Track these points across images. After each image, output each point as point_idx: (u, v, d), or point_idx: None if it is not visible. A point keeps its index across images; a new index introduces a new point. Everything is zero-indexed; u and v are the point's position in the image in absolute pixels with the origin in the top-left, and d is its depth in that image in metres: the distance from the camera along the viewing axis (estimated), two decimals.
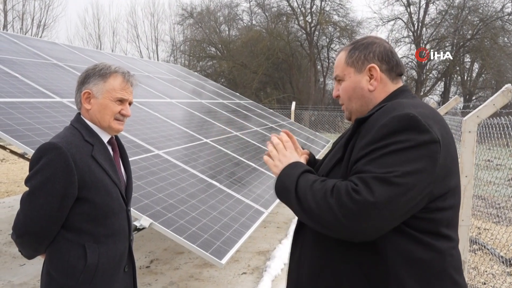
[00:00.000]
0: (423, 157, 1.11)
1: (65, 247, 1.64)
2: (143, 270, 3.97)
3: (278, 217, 5.89)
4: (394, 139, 1.13)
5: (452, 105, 5.57)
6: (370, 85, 1.33)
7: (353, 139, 1.24)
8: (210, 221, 3.08)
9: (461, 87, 24.53)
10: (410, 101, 1.26)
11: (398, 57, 1.36)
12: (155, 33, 34.17)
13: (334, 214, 1.11)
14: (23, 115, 3.37)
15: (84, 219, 1.64)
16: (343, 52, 1.39)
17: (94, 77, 1.72)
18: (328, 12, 24.70)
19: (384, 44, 1.36)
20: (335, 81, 1.43)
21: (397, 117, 1.15)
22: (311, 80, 25.07)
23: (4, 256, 4.23)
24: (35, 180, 1.58)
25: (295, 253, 1.38)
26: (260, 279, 3.77)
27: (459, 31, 22.86)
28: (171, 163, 3.86)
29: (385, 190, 1.08)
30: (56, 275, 1.63)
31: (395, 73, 1.35)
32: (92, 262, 1.63)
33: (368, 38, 1.39)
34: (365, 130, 1.21)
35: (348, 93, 1.37)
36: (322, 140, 9.63)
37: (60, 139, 1.62)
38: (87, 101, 1.72)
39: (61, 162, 1.56)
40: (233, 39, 27.35)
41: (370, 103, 1.34)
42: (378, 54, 1.33)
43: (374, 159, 1.13)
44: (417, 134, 1.12)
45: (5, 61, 4.56)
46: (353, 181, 1.13)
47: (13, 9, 24.24)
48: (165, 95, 6.74)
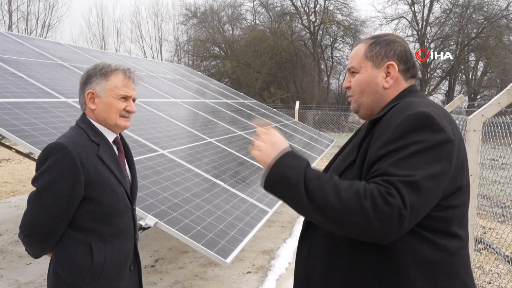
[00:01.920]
0: (442, 158, 1.12)
1: (71, 246, 1.64)
2: (148, 269, 3.98)
3: (282, 216, 5.89)
4: (412, 139, 1.12)
5: (457, 104, 5.56)
6: (386, 82, 1.33)
7: (367, 139, 1.23)
8: (214, 220, 3.09)
9: (465, 86, 24.44)
10: (421, 100, 1.26)
11: (415, 59, 1.37)
12: (159, 33, 34.16)
13: (366, 217, 1.07)
14: (29, 115, 3.39)
15: (91, 218, 1.65)
16: (363, 45, 1.38)
17: (96, 76, 1.72)
18: (332, 11, 24.69)
19: (405, 44, 1.37)
20: (347, 72, 1.42)
21: (413, 116, 1.15)
22: (315, 79, 25.05)
23: (10, 255, 4.26)
24: (42, 180, 1.59)
25: (302, 253, 1.36)
26: (265, 278, 3.78)
27: (464, 30, 22.77)
28: (176, 162, 3.87)
29: (415, 195, 1.08)
30: (62, 274, 1.64)
31: (410, 74, 1.36)
32: (98, 261, 1.64)
33: (390, 35, 1.38)
34: (379, 130, 1.20)
35: (362, 86, 1.36)
36: (326, 139, 9.61)
37: (66, 139, 1.63)
38: (91, 101, 1.73)
39: (67, 162, 1.57)
40: (236, 38, 27.38)
41: (382, 100, 1.34)
42: (398, 53, 1.33)
43: (396, 161, 1.11)
44: (433, 134, 1.12)
45: (11, 62, 4.59)
46: (382, 184, 1.10)
47: (18, 9, 24.37)
48: (169, 95, 6.76)
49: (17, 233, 1.74)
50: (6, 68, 4.31)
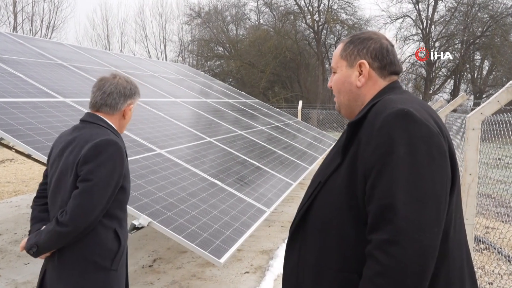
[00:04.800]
0: (434, 153, 1.08)
1: (102, 231, 1.80)
2: (145, 269, 3.97)
3: (283, 216, 5.86)
4: (399, 142, 1.07)
5: (459, 102, 5.50)
6: (358, 81, 1.31)
7: (354, 144, 1.19)
8: (210, 220, 3.06)
9: (471, 85, 24.25)
10: (400, 96, 1.23)
11: (394, 56, 1.33)
12: (163, 33, 34.21)
13: (398, 278, 1.02)
14: (25, 114, 3.39)
15: (117, 206, 1.87)
16: (341, 45, 1.39)
17: (137, 95, 2.01)
18: (336, 10, 24.60)
19: (382, 41, 1.33)
20: (332, 72, 1.43)
21: (392, 115, 1.11)
22: (319, 79, 24.98)
23: (9, 255, 4.26)
24: (99, 173, 1.73)
25: (291, 259, 1.33)
26: (263, 279, 3.75)
27: (469, 28, 22.60)
28: (173, 162, 3.86)
29: (427, 213, 1.03)
30: (97, 257, 1.78)
31: (388, 72, 1.32)
32: (123, 244, 1.86)
33: (366, 33, 1.36)
34: (365, 135, 1.16)
35: (338, 86, 1.37)
36: (330, 139, 9.56)
37: (109, 136, 1.83)
38: (128, 112, 1.99)
39: (119, 156, 1.81)
40: (240, 38, 27.37)
41: (358, 99, 1.32)
42: (372, 51, 1.31)
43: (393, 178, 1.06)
44: (416, 130, 1.08)
45: (10, 62, 4.60)
46: (377, 249, 1.05)
47: (23, 10, 24.49)
48: (170, 94, 6.75)
49: (16, 233, 1.83)
50: (5, 68, 4.32)
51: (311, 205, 1.27)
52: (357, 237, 1.15)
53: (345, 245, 1.17)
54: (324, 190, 1.24)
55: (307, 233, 1.27)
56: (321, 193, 1.25)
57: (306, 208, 1.29)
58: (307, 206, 1.28)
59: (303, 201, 1.34)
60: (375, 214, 1.07)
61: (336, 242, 1.19)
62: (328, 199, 1.22)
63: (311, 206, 1.27)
